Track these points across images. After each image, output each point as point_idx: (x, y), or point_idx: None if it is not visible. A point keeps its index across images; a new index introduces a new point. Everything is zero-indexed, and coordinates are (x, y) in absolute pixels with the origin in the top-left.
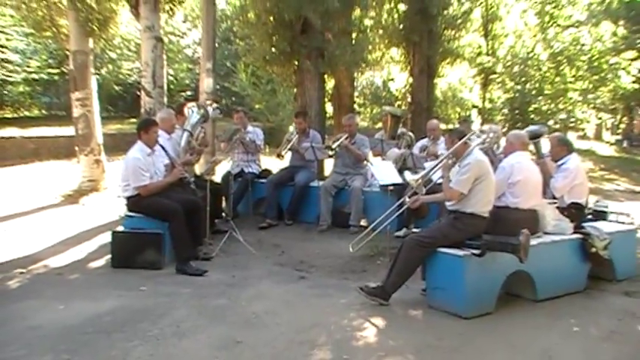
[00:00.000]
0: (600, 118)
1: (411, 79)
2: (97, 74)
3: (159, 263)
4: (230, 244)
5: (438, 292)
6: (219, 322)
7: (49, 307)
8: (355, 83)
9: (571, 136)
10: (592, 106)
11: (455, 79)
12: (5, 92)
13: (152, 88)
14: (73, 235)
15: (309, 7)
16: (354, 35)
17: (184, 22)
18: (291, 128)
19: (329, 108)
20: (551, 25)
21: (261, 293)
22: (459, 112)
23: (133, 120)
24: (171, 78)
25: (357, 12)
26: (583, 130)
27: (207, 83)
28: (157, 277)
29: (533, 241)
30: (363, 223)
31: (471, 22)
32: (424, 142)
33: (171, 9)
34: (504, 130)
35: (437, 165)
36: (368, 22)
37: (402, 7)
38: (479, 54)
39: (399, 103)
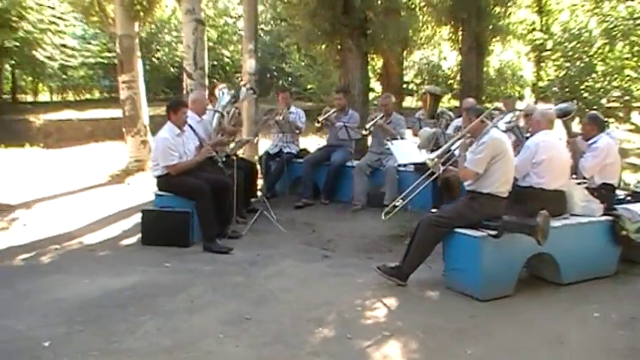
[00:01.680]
0: None
1: (459, 58)
2: (154, 57)
3: (187, 241)
4: (262, 222)
5: (454, 274)
6: (232, 299)
7: (75, 281)
8: (407, 62)
9: (635, 116)
10: None
11: (509, 56)
12: (65, 76)
13: (193, 70)
14: (112, 214)
15: None
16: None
17: (239, 4)
18: None
19: (378, 87)
20: None
21: (281, 271)
22: (519, 91)
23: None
24: (227, 60)
25: None
26: None
27: (249, 64)
28: (184, 254)
29: (557, 223)
30: (398, 203)
31: None
32: (459, 121)
33: None
34: (576, 107)
35: (453, 143)
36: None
37: None
38: (532, 30)
39: (450, 82)
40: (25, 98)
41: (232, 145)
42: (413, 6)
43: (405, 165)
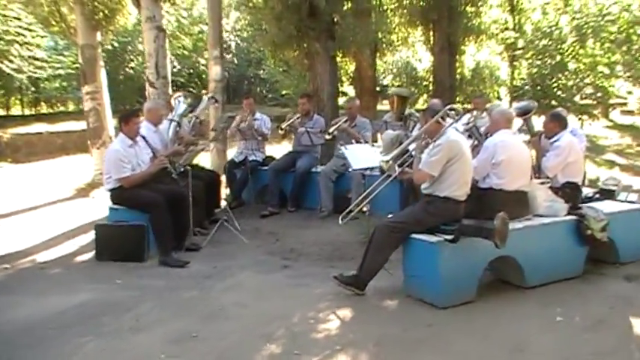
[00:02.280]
0: None
1: (432, 59)
2: (128, 67)
3: (142, 255)
4: (224, 233)
5: (413, 281)
6: (181, 316)
7: (21, 302)
8: (384, 65)
9: (615, 112)
10: (629, 78)
11: (486, 56)
12: (35, 89)
13: (156, 78)
14: (71, 229)
15: None
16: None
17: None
18: None
19: (351, 91)
20: None
21: (236, 284)
22: (496, 90)
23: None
24: (203, 67)
25: None
26: (625, 105)
27: (215, 71)
28: (139, 269)
29: (519, 224)
30: (365, 208)
31: None
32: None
33: None
34: (536, 105)
35: (408, 145)
36: (386, 1)
37: None
38: (505, 30)
39: (426, 83)
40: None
41: (185, 155)
42: (384, 8)
43: (369, 169)
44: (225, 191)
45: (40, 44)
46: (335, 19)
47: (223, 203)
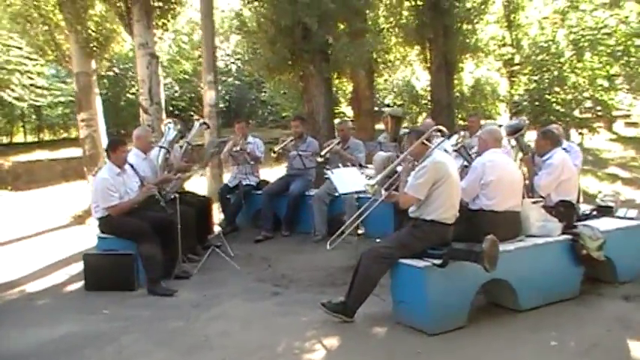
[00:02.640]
0: None
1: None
2: (130, 93)
3: (131, 284)
4: (215, 260)
5: (402, 307)
6: (164, 347)
7: (3, 334)
8: (385, 84)
9: (618, 125)
10: (629, 90)
11: (483, 73)
12: (36, 117)
13: (149, 104)
14: (63, 258)
15: (305, 11)
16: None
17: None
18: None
19: (350, 112)
20: (573, 10)
21: (223, 313)
22: (496, 107)
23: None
24: (202, 91)
25: (373, 12)
26: (629, 117)
27: (209, 96)
28: (127, 298)
29: (510, 246)
30: (360, 231)
31: (489, 14)
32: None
33: (164, 24)
34: (527, 122)
35: (394, 167)
36: (381, 21)
37: (414, 2)
38: (502, 46)
39: (425, 101)
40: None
41: (173, 183)
42: (379, 27)
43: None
44: (219, 216)
45: (42, 72)
46: (328, 41)
47: (218, 229)
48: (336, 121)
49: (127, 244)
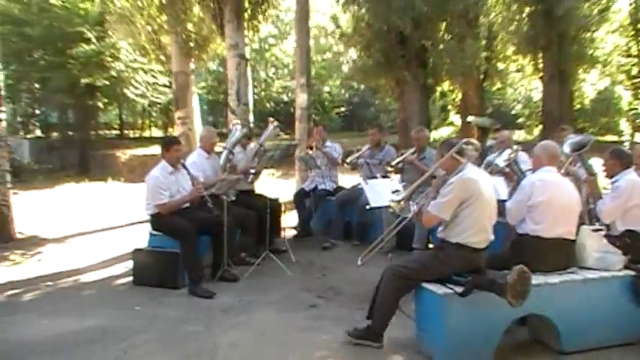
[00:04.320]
0: None
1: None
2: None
3: (176, 283)
4: (273, 264)
5: (423, 335)
6: (169, 351)
7: (32, 322)
8: (511, 94)
9: None
10: None
11: (605, 85)
12: (155, 113)
13: (237, 105)
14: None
15: (398, 14)
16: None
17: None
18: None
19: (457, 120)
20: None
21: (246, 322)
22: (615, 121)
23: (286, 136)
24: (326, 95)
25: (482, 18)
26: None
27: (301, 99)
28: (166, 297)
29: (554, 279)
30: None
31: (611, 22)
32: (490, 158)
33: (255, 26)
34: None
35: (421, 183)
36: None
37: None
38: (627, 56)
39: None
40: (132, 134)
41: (221, 184)
42: (487, 34)
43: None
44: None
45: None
46: (425, 46)
47: (292, 232)
48: (447, 129)
49: (174, 243)
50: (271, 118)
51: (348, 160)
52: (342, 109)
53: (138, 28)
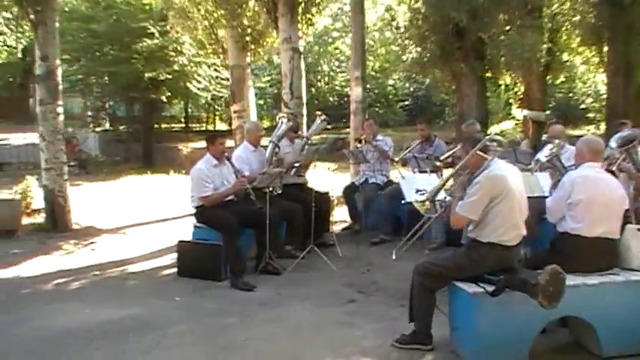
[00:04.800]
0: None
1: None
2: (314, 87)
3: (218, 275)
4: (319, 259)
5: (456, 334)
6: (201, 343)
7: (74, 310)
8: (583, 88)
9: None
10: None
11: None
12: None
13: (290, 98)
14: None
15: (453, 5)
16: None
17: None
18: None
19: (519, 114)
20: None
21: (282, 316)
22: None
23: (346, 129)
24: (390, 88)
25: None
26: None
27: (356, 92)
28: (207, 289)
29: (593, 280)
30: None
31: None
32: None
33: (309, 20)
34: None
35: (445, 182)
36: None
37: None
38: None
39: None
40: (198, 127)
41: (261, 177)
42: (550, 25)
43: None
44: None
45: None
46: (482, 38)
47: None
48: (508, 122)
49: (218, 235)
50: (319, 112)
51: (396, 159)
52: (407, 102)
53: (195, 23)
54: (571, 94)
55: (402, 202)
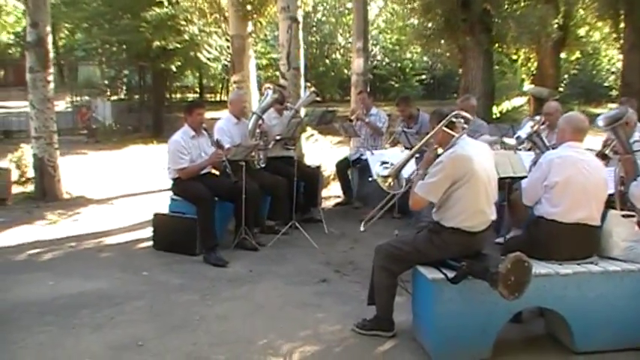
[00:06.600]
0: None
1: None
2: (329, 60)
3: (192, 249)
4: (299, 236)
5: (416, 321)
6: (154, 320)
7: (38, 281)
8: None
9: None
10: None
11: None
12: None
13: (287, 69)
14: None
15: None
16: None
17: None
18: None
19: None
20: None
21: (246, 294)
22: None
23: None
24: (407, 62)
25: None
26: None
27: (357, 64)
28: (179, 263)
29: (567, 269)
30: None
31: None
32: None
33: None
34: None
35: (410, 158)
36: None
37: None
38: None
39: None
40: (212, 98)
41: (239, 150)
42: None
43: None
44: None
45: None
46: (489, 10)
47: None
48: (520, 99)
49: (193, 208)
50: (308, 84)
51: (388, 142)
52: (424, 76)
53: None
54: (595, 72)
55: (370, 179)
